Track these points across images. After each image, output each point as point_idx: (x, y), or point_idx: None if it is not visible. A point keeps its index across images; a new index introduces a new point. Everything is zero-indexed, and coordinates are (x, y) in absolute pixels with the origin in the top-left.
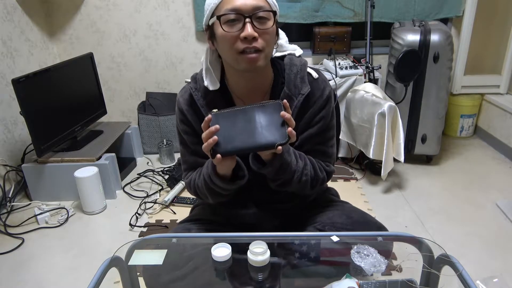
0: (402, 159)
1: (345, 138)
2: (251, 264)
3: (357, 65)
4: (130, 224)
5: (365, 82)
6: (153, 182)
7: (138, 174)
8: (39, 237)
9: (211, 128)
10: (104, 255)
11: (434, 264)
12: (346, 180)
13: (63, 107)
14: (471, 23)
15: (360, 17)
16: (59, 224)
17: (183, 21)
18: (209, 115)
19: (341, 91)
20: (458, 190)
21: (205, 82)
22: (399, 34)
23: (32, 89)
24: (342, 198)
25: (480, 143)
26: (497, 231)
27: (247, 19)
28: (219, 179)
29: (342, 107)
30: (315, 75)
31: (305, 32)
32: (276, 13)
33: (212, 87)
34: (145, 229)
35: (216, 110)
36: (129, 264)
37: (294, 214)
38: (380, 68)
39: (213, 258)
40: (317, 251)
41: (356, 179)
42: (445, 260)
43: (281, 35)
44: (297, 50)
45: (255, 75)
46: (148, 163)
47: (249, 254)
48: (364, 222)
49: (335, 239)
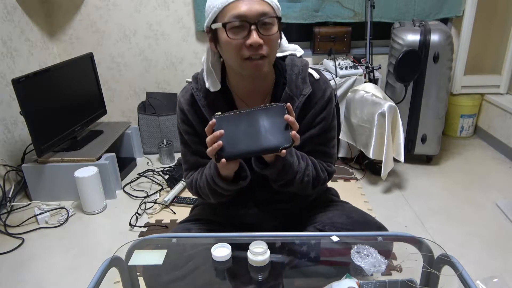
0: (402, 159)
1: (345, 138)
2: (251, 264)
3: (357, 65)
4: (130, 224)
5: (365, 82)
6: (153, 182)
7: (138, 174)
8: (39, 237)
9: (216, 133)
10: (104, 255)
11: (434, 264)
12: (346, 180)
13: (63, 107)
14: (471, 23)
15: (360, 17)
16: (59, 224)
17: (183, 21)
18: (213, 120)
19: (341, 91)
20: (458, 190)
21: (206, 84)
22: (399, 34)
23: (32, 89)
24: (342, 198)
25: (480, 143)
26: (497, 231)
27: (253, 26)
28: (222, 181)
29: (342, 107)
30: (316, 75)
31: (305, 32)
32: (280, 18)
33: (214, 88)
34: (145, 229)
35: (220, 114)
36: (129, 264)
37: (294, 214)
38: (380, 68)
39: (213, 258)
40: (317, 251)
41: (356, 179)
42: (445, 260)
43: None
44: (297, 50)
45: (257, 77)
46: (148, 163)
47: (249, 254)
48: (364, 222)
49: (335, 239)
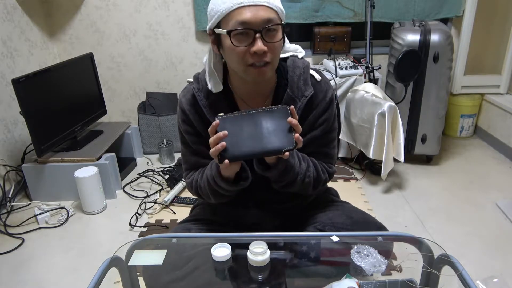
0: (402, 159)
1: (345, 138)
2: (251, 264)
3: (357, 65)
4: (130, 224)
5: (365, 82)
6: (153, 182)
7: (138, 174)
8: (39, 237)
9: (219, 133)
10: (104, 255)
11: (434, 264)
12: (346, 180)
13: (63, 107)
14: (471, 23)
15: (360, 17)
16: (59, 224)
17: (183, 21)
18: (216, 120)
19: (341, 91)
20: (458, 190)
21: (209, 85)
22: (399, 34)
23: (32, 89)
24: (342, 198)
25: (480, 143)
26: (497, 231)
27: (257, 34)
28: (223, 181)
29: (342, 107)
30: (318, 77)
31: (305, 32)
32: (284, 24)
33: (216, 90)
34: (145, 229)
35: (223, 114)
36: (129, 264)
37: (294, 214)
38: (380, 68)
39: (213, 258)
40: (317, 251)
41: (356, 179)
42: (445, 260)
43: None
44: (299, 50)
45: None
46: (148, 163)
47: (249, 254)
48: (364, 222)
49: (335, 239)
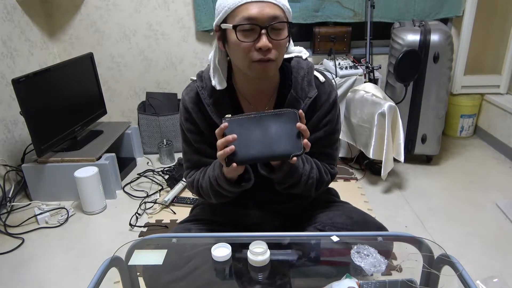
0: (402, 159)
1: (345, 138)
2: (251, 264)
3: (357, 65)
4: (130, 224)
5: (365, 82)
6: (153, 182)
7: (138, 174)
8: (39, 237)
9: (228, 137)
10: (104, 255)
11: (434, 264)
12: (346, 180)
13: (63, 107)
14: (471, 23)
15: (360, 17)
16: (59, 224)
17: (183, 21)
18: (225, 123)
19: (341, 91)
20: (458, 190)
21: (213, 82)
22: (399, 34)
23: (32, 89)
24: (342, 198)
25: (480, 143)
26: (497, 231)
27: (263, 30)
28: (226, 183)
29: (342, 107)
30: (322, 78)
31: (305, 32)
32: (290, 22)
33: (220, 86)
34: (145, 229)
35: (230, 116)
36: (129, 264)
37: (295, 214)
38: (380, 68)
39: (213, 258)
40: (317, 251)
41: (356, 179)
42: (445, 260)
43: None
44: (303, 52)
45: (262, 79)
46: (148, 163)
47: (249, 254)
48: (364, 222)
49: (335, 239)
